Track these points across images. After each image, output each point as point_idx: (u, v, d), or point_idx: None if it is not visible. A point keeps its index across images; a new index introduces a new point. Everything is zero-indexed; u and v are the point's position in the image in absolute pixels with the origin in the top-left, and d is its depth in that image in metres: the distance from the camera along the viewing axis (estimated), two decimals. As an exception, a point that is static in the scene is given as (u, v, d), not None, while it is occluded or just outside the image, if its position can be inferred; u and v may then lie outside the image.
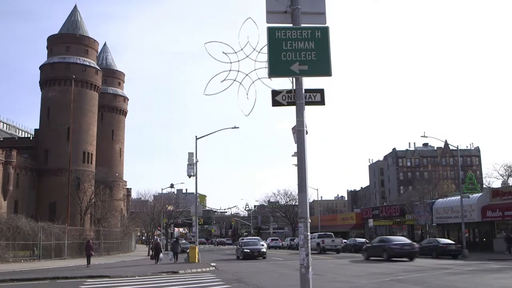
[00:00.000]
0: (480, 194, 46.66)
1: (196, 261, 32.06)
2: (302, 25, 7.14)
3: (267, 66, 7.02)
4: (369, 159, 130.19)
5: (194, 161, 35.23)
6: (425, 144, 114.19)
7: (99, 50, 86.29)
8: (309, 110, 9.00)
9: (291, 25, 7.15)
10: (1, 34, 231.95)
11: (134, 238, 70.45)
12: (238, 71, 7.36)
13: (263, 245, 44.27)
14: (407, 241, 34.24)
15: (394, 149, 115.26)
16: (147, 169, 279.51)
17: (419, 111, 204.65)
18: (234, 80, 7.39)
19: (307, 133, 7.12)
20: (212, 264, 29.97)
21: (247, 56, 7.37)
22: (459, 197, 42.11)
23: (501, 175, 60.65)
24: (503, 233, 42.37)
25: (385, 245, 32.91)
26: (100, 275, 22.30)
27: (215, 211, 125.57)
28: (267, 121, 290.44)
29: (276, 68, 6.93)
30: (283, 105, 7.28)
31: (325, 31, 7.11)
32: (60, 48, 76.83)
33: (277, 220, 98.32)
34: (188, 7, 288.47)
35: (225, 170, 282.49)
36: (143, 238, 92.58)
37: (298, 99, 7.00)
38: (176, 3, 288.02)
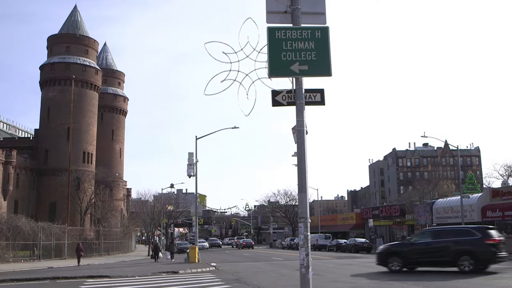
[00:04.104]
0: (480, 194, 46.61)
1: (196, 261, 32.09)
2: (302, 25, 7.15)
3: (267, 66, 7.02)
4: (369, 159, 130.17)
5: (194, 161, 35.23)
6: (425, 144, 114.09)
7: (99, 50, 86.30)
8: (309, 110, 9.01)
9: (291, 25, 7.16)
10: (1, 34, 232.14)
11: (134, 238, 70.43)
12: (238, 71, 7.37)
13: None
14: None
15: (394, 149, 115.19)
16: (147, 169, 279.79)
17: (419, 111, 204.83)
18: (234, 80, 7.39)
19: (307, 133, 7.12)
20: (212, 264, 29.98)
21: (247, 56, 7.37)
22: (459, 197, 42.10)
23: (501, 175, 60.52)
24: (503, 233, 42.34)
25: None
26: (100, 275, 22.31)
27: (215, 211, 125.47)
28: (267, 121, 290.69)
29: (276, 68, 6.93)
30: (283, 105, 7.28)
31: (325, 31, 7.11)
32: (60, 48, 76.85)
33: (277, 220, 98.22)
34: (188, 8, 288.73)
35: (225, 170, 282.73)
36: (143, 238, 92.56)
37: (298, 99, 7.00)
38: (176, 4, 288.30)
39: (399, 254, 20.56)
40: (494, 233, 20.09)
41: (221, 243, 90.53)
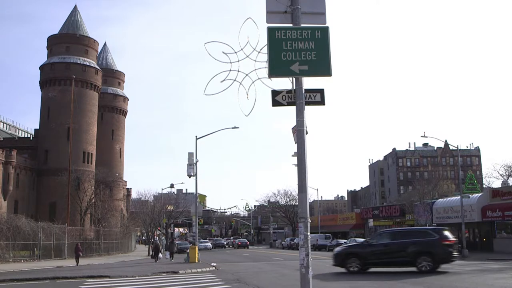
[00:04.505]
0: (480, 194, 46.60)
1: (196, 261, 32.09)
2: (302, 25, 7.14)
3: (267, 66, 7.02)
4: (369, 159, 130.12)
5: (194, 161, 35.21)
6: (425, 144, 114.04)
7: (99, 50, 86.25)
8: (309, 110, 9.01)
9: (291, 25, 7.15)
10: (1, 34, 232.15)
11: (134, 238, 70.41)
12: (238, 71, 7.37)
13: None
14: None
15: (394, 149, 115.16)
16: (147, 169, 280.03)
17: (419, 111, 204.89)
18: (234, 80, 7.39)
19: (307, 133, 7.11)
20: (212, 264, 29.97)
21: (247, 56, 7.37)
22: (459, 197, 42.08)
23: (501, 175, 60.49)
24: (503, 233, 42.40)
25: None
26: (100, 275, 22.30)
27: (215, 211, 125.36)
28: (267, 121, 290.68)
29: (276, 68, 6.93)
30: (283, 105, 7.28)
31: (325, 31, 7.11)
32: (60, 48, 76.81)
33: (277, 220, 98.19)
34: (188, 8, 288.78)
35: (225, 170, 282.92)
36: (143, 238, 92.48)
37: (298, 99, 7.00)
38: (176, 4, 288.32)
39: (358, 255, 20.92)
40: (449, 234, 21.25)
41: (225, 243, 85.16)
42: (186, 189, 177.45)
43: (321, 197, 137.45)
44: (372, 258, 20.77)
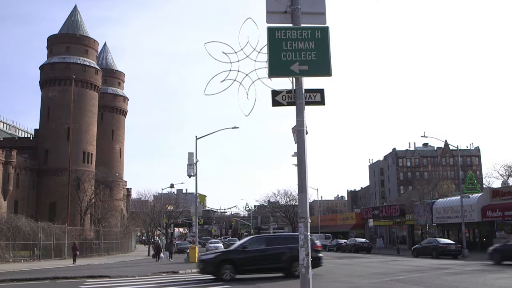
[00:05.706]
0: (480, 194, 46.62)
1: (196, 261, 32.05)
2: (302, 25, 7.14)
3: (267, 66, 7.02)
4: (369, 159, 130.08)
5: (194, 161, 35.21)
6: (425, 144, 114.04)
7: (99, 50, 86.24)
8: (309, 110, 9.01)
9: (291, 25, 7.15)
10: (1, 35, 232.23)
11: (134, 238, 70.41)
12: (238, 71, 7.37)
13: None
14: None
15: (394, 149, 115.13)
16: (147, 169, 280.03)
17: (419, 111, 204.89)
18: (234, 80, 7.39)
19: (307, 133, 7.11)
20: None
21: (247, 56, 7.37)
22: (459, 197, 42.12)
23: (501, 175, 60.46)
24: (503, 233, 42.39)
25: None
26: (100, 275, 22.30)
27: (215, 211, 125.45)
28: (267, 121, 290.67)
29: (276, 68, 6.93)
30: (283, 105, 7.28)
31: (325, 31, 7.11)
32: (60, 48, 76.80)
33: (277, 220, 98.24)
34: (188, 8, 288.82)
35: (225, 170, 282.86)
36: (143, 238, 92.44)
37: (298, 99, 7.00)
38: (176, 4, 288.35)
39: (234, 261, 20.09)
40: (317, 240, 23.04)
41: None
42: (186, 189, 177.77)
43: (321, 197, 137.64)
44: (248, 264, 20.13)
